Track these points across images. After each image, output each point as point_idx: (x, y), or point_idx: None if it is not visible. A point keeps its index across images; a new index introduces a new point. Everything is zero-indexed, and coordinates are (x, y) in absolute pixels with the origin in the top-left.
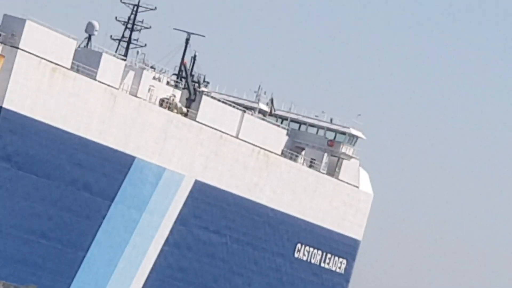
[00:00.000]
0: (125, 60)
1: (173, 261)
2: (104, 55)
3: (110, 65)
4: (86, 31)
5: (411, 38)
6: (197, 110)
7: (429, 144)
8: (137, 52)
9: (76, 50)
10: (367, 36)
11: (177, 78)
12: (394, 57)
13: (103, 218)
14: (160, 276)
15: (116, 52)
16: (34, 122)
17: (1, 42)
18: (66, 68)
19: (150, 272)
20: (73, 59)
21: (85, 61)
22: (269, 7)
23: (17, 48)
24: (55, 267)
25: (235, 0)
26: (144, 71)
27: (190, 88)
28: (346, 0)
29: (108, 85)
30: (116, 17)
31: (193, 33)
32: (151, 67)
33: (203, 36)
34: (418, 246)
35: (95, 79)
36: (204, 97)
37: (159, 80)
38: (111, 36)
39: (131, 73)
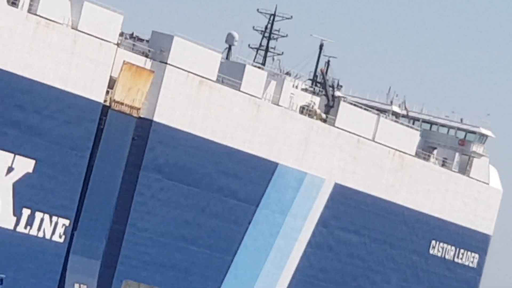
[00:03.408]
0: (263, 68)
1: (315, 262)
2: (247, 67)
3: (253, 76)
4: (226, 41)
5: None
6: (335, 116)
7: None
8: (273, 59)
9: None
10: (495, 38)
11: (312, 83)
12: None
13: (249, 223)
14: (303, 277)
15: (254, 60)
16: (183, 134)
17: (151, 58)
18: (212, 80)
19: (294, 273)
20: (218, 71)
21: (229, 73)
22: (397, 12)
23: (166, 63)
24: (204, 272)
25: (365, 6)
26: (285, 80)
27: (328, 95)
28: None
29: (252, 95)
30: (253, 27)
31: (326, 40)
32: (287, 73)
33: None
34: None
35: (239, 90)
36: (341, 103)
37: (296, 87)
38: (249, 45)
39: (273, 83)
